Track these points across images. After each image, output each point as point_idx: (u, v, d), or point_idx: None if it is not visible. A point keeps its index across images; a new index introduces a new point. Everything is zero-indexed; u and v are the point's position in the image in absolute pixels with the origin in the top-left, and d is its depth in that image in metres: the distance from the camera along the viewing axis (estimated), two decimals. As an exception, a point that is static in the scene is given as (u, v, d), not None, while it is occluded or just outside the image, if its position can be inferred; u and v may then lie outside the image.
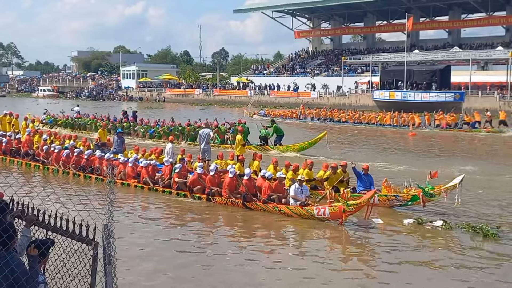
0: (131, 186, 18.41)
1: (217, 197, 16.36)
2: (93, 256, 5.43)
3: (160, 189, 17.81)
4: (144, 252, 11.71)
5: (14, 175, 19.51)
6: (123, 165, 19.18)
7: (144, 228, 13.86)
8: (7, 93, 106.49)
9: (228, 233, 13.78)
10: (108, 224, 5.34)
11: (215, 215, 15.57)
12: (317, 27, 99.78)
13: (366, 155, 26.24)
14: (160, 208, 16.27)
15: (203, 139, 21.58)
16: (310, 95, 73.42)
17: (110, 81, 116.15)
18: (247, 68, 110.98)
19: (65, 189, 17.11)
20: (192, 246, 12.40)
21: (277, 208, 15.09)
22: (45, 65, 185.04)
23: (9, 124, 30.24)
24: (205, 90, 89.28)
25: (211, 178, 16.82)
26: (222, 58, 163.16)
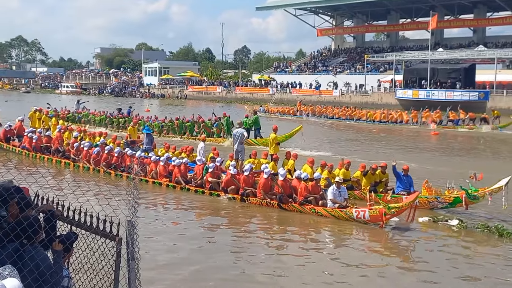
0: (162, 185, 18.17)
1: (251, 197, 16.05)
2: (117, 252, 5.42)
3: (192, 188, 17.55)
4: (172, 250, 11.66)
5: (41, 171, 19.65)
6: (155, 163, 18.93)
7: (175, 227, 13.76)
8: (31, 89, 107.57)
9: (262, 234, 13.51)
10: (131, 220, 5.33)
11: (249, 215, 15.27)
12: (339, 25, 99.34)
13: (386, 154, 26.01)
14: (192, 207, 16.07)
15: (236, 139, 21.11)
16: (332, 93, 73.14)
17: (133, 78, 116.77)
18: (269, 66, 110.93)
19: (91, 185, 17.15)
20: (224, 246, 12.21)
21: (314, 210, 14.76)
22: (69, 61, 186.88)
23: (38, 120, 30.30)
24: (226, 87, 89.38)
25: (245, 178, 16.52)
26: (244, 56, 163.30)
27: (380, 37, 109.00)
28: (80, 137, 23.42)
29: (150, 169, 18.90)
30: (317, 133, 37.96)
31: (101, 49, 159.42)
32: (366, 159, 22.54)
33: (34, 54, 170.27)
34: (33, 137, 23.73)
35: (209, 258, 11.29)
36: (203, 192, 17.21)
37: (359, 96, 69.66)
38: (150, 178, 18.69)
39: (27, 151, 23.46)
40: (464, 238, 13.17)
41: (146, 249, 11.07)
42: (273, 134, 21.90)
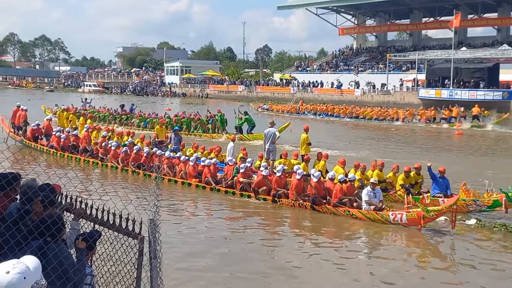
0: (192, 186, 18.00)
1: (283, 198, 15.81)
2: (139, 250, 5.46)
3: (223, 189, 17.30)
4: (198, 250, 11.58)
5: (65, 169, 19.71)
6: (184, 164, 18.74)
7: (203, 227, 13.63)
8: (55, 88, 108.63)
9: (294, 236, 13.27)
10: (154, 218, 5.36)
11: (281, 217, 15.11)
12: (361, 24, 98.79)
13: (409, 154, 25.75)
14: (222, 208, 15.87)
15: (268, 139, 20.51)
16: (353, 92, 72.81)
17: (154, 77, 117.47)
18: (290, 65, 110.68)
19: (116, 184, 17.22)
20: (254, 248, 12.05)
21: (348, 212, 14.47)
22: (91, 60, 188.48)
23: (66, 119, 30.48)
24: (248, 86, 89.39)
25: (277, 179, 16.28)
26: (265, 55, 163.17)
27: (402, 36, 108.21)
28: (108, 137, 23.41)
29: (180, 169, 18.70)
30: (330, 132, 37.87)
31: (123, 48, 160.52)
32: (394, 159, 22.40)
33: (57, 53, 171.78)
34: (61, 136, 23.73)
35: (236, 260, 11.14)
36: (234, 193, 16.97)
37: (381, 96, 69.22)
38: (180, 178, 18.51)
39: (55, 150, 23.43)
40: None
41: (171, 248, 11.08)
42: (305, 135, 21.08)
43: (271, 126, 20.92)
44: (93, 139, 23.83)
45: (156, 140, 23.87)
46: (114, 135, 24.28)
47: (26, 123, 26.58)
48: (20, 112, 27.11)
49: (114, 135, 24.28)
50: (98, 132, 24.80)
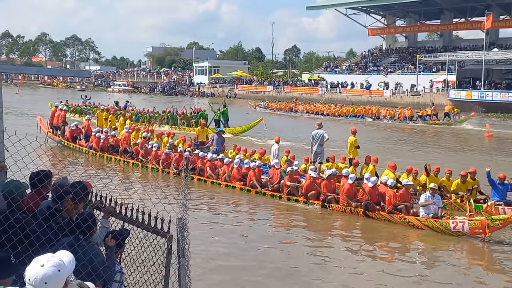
0: (236, 189, 17.55)
1: (333, 204, 15.13)
2: (168, 249, 5.50)
3: (269, 193, 16.73)
4: (236, 252, 11.43)
5: (104, 170, 19.80)
6: (227, 166, 18.26)
7: (246, 231, 13.28)
8: (85, 87, 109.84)
9: (344, 243, 12.65)
10: (182, 217, 5.40)
11: (331, 223, 14.54)
12: (391, 24, 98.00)
13: (440, 156, 25.37)
14: (268, 212, 15.50)
15: (316, 141, 19.36)
16: (382, 93, 72.37)
17: (183, 77, 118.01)
18: (319, 66, 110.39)
19: (147, 183, 17.21)
20: (299, 255, 11.58)
21: (404, 220, 13.72)
22: (121, 60, 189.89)
23: (105, 120, 30.14)
24: (276, 87, 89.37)
25: (327, 184, 15.55)
26: (294, 55, 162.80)
27: (432, 36, 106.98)
28: (148, 138, 22.89)
29: (223, 171, 18.26)
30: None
31: (153, 48, 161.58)
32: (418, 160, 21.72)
33: (87, 53, 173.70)
34: (100, 137, 23.44)
35: (273, 265, 10.72)
36: (280, 197, 16.37)
37: (411, 97, 68.65)
38: (223, 181, 18.06)
39: (94, 151, 23.21)
40: None
41: (208, 249, 11.14)
42: (353, 137, 20.08)
43: (319, 127, 19.82)
44: (132, 139, 23.59)
45: (197, 141, 23.45)
46: (154, 136, 23.81)
47: (64, 124, 26.40)
48: (59, 112, 26.88)
49: (154, 136, 23.81)
50: (137, 133, 24.50)
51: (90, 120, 27.08)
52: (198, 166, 18.89)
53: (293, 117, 52.25)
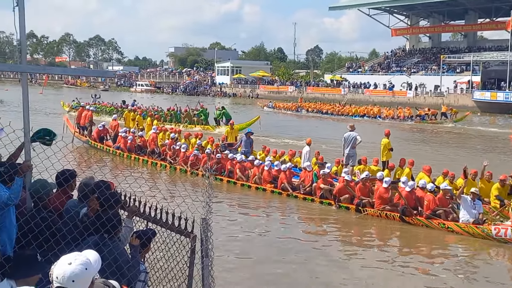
0: (267, 191, 17.09)
1: (368, 208, 14.64)
2: (191, 249, 5.51)
3: (301, 196, 16.29)
4: (263, 254, 11.25)
5: (119, 168, 19.79)
6: (258, 168, 17.91)
7: (276, 233, 13.03)
8: (109, 87, 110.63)
9: (379, 250, 12.19)
10: (206, 218, 5.41)
11: (366, 227, 14.03)
12: (415, 24, 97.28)
13: (464, 158, 25.06)
14: (300, 215, 15.15)
15: (348, 143, 18.66)
16: (406, 94, 71.88)
17: (205, 77, 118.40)
18: (341, 66, 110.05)
19: (172, 184, 16.96)
20: (335, 259, 11.26)
21: (443, 225, 13.24)
22: (143, 60, 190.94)
23: (132, 120, 30.06)
24: (298, 87, 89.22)
25: (361, 187, 15.09)
26: (316, 56, 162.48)
27: (457, 37, 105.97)
28: (176, 139, 22.44)
29: (253, 174, 17.86)
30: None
31: (175, 49, 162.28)
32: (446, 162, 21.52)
33: (110, 53, 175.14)
34: (127, 138, 23.22)
35: (302, 269, 10.48)
36: (313, 200, 15.97)
37: (434, 97, 68.05)
38: (253, 183, 17.66)
39: (121, 151, 23.00)
40: None
41: (234, 250, 11.09)
42: (386, 139, 19.38)
43: (351, 129, 19.08)
44: (160, 140, 23.29)
45: (225, 143, 22.99)
46: (182, 137, 23.37)
47: (91, 124, 26.26)
48: (86, 112, 26.72)
49: (182, 137, 23.37)
50: (164, 134, 24.11)
51: (118, 120, 26.86)
52: (228, 168, 18.59)
53: (297, 116, 53.62)
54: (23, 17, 5.33)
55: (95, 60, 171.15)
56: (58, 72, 42.75)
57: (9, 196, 5.39)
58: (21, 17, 5.33)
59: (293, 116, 53.05)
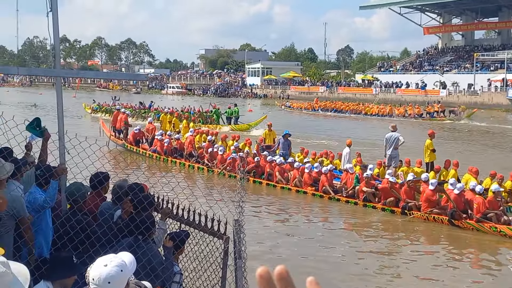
0: (308, 194, 16.76)
1: (414, 211, 14.14)
2: (224, 250, 5.52)
3: (343, 199, 15.93)
4: (299, 259, 10.99)
5: (154, 171, 19.67)
6: (298, 170, 17.48)
7: (318, 237, 12.73)
8: (140, 90, 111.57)
9: (429, 254, 11.72)
10: (238, 219, 5.40)
11: (412, 231, 13.50)
12: (447, 22, 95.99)
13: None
14: (343, 219, 14.74)
15: (390, 144, 18.25)
16: (438, 93, 70.93)
17: (236, 79, 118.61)
18: (373, 66, 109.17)
19: (206, 186, 16.89)
20: (377, 264, 10.83)
21: (495, 229, 12.64)
22: (174, 63, 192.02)
23: (169, 123, 29.75)
24: (329, 87, 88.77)
25: (407, 189, 14.61)
26: (346, 55, 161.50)
27: (490, 34, 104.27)
28: (213, 141, 22.18)
29: (293, 176, 17.49)
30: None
31: (205, 51, 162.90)
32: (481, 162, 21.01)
33: (142, 56, 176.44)
34: (164, 140, 22.92)
35: (343, 276, 10.21)
36: (356, 203, 15.51)
37: (468, 96, 67.07)
38: (293, 186, 17.28)
39: (158, 154, 22.77)
40: None
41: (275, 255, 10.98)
42: (429, 140, 18.68)
43: (393, 130, 18.57)
44: (196, 143, 22.92)
45: (263, 145, 22.31)
46: (219, 140, 23.06)
47: (127, 127, 26.02)
48: (121, 115, 26.42)
49: (219, 140, 23.06)
50: (201, 136, 23.80)
51: (154, 123, 26.38)
52: (267, 171, 18.34)
53: (314, 115, 54.39)
54: (57, 22, 5.41)
55: (127, 63, 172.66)
56: (91, 76, 43.33)
57: (45, 199, 5.48)
58: (54, 22, 5.40)
59: (309, 115, 54.09)
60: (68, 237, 5.13)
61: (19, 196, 5.37)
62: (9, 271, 2.94)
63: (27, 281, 3.14)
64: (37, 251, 5.50)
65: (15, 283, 3.00)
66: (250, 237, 5.77)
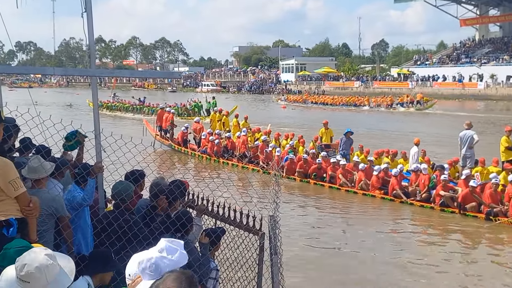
0: (376, 198, 15.78)
1: (501, 217, 12.95)
2: (260, 246, 5.52)
3: (417, 203, 14.77)
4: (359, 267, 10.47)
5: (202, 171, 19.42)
6: (364, 172, 16.48)
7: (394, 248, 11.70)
8: (175, 88, 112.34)
9: None
10: (273, 215, 5.41)
11: (498, 239, 12.34)
12: (484, 14, 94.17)
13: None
14: (417, 225, 13.76)
15: (464, 143, 16.99)
16: (476, 85, 69.75)
17: (270, 75, 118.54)
18: (408, 59, 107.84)
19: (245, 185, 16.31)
20: (460, 276, 10.00)
21: None
22: (208, 60, 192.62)
23: (219, 122, 27.70)
24: (364, 82, 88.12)
25: (491, 193, 13.42)
26: (381, 50, 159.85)
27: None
28: (267, 141, 21.20)
29: (359, 179, 16.52)
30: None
31: (239, 48, 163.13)
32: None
33: (176, 54, 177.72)
34: (214, 140, 22.22)
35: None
36: (432, 208, 14.43)
37: (506, 88, 65.80)
38: (359, 189, 16.36)
39: (208, 155, 22.19)
40: None
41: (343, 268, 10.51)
42: (505, 137, 17.22)
43: (468, 128, 17.15)
44: (249, 143, 22.06)
45: (321, 144, 20.83)
46: (272, 139, 21.91)
47: (173, 126, 25.55)
48: (167, 115, 25.92)
49: (272, 139, 21.91)
50: (253, 135, 22.92)
51: (200, 122, 25.60)
52: (329, 173, 17.39)
53: (305, 108, 60.38)
54: (91, 23, 5.48)
55: (161, 62, 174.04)
56: (125, 75, 43.70)
57: (83, 197, 5.57)
58: (89, 22, 5.48)
59: (301, 108, 60.22)
60: (106, 234, 5.21)
61: (58, 195, 5.46)
62: (56, 263, 3.04)
63: (72, 273, 3.24)
64: (76, 248, 5.59)
65: (61, 274, 3.09)
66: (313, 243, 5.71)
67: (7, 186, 4.09)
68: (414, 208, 14.75)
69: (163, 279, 2.58)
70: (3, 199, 4.14)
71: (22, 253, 3.19)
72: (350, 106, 58.15)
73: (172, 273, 2.60)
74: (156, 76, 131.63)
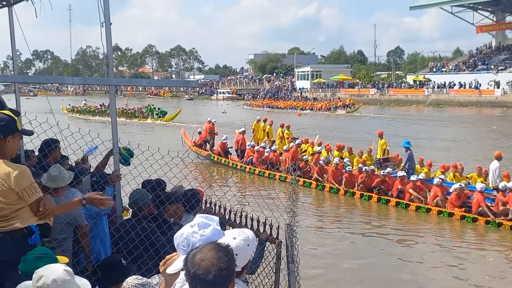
0: (454, 217, 14.64)
1: None
2: (277, 255, 5.50)
3: (507, 223, 13.57)
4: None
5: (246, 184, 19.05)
6: (440, 189, 15.47)
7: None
8: (192, 96, 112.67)
9: None
10: (290, 223, 5.39)
11: None
12: (501, 20, 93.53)
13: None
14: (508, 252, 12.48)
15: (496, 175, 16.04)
16: (493, 92, 69.24)
17: (285, 83, 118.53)
18: (424, 66, 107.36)
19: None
20: None
21: None
22: (224, 68, 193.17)
23: (263, 131, 26.62)
24: (380, 89, 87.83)
25: None
26: (397, 57, 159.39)
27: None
28: (320, 152, 20.53)
29: (434, 195, 15.45)
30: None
31: (254, 55, 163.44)
32: None
33: (191, 62, 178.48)
34: (265, 150, 21.58)
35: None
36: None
37: (523, 95, 65.29)
38: (434, 206, 15.31)
39: (253, 167, 21.43)
40: None
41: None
42: None
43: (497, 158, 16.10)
44: (299, 154, 21.09)
45: (380, 158, 19.49)
46: (325, 150, 20.99)
47: (213, 136, 25.08)
48: (207, 125, 25.46)
49: (325, 150, 20.99)
50: (299, 146, 21.52)
51: (245, 133, 24.56)
52: (397, 188, 16.43)
53: (266, 112, 60.84)
54: (110, 33, 5.52)
55: (177, 70, 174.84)
56: (143, 84, 44.01)
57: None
58: (107, 32, 5.52)
59: (264, 112, 61.06)
60: (123, 242, 5.23)
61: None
62: (73, 281, 3.10)
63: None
64: (95, 256, 5.62)
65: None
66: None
67: (23, 193, 4.12)
68: (503, 231, 13.50)
69: (200, 248, 2.62)
70: (23, 207, 4.16)
71: (42, 259, 3.25)
72: (296, 110, 64.99)
73: (209, 244, 2.64)
74: (173, 85, 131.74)
